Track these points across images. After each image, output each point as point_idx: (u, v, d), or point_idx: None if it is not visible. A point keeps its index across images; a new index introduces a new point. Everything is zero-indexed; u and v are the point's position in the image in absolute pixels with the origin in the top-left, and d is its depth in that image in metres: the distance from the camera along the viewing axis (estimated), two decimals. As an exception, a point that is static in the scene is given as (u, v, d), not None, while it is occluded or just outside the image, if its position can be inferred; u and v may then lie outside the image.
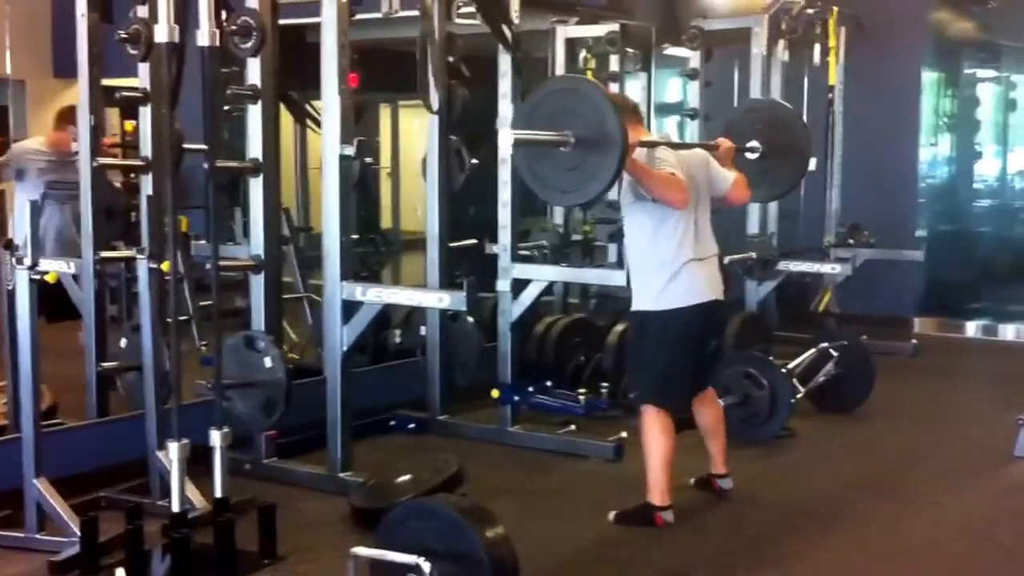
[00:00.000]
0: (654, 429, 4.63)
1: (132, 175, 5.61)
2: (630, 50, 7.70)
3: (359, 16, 5.25)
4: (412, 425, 6.02)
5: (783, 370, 5.96)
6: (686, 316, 4.61)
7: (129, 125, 9.92)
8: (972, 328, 9.71)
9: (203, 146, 4.05)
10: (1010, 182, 11.21)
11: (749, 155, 5.32)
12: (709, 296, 4.66)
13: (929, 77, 10.01)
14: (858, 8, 8.66)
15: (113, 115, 8.82)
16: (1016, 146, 11.15)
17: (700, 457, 5.07)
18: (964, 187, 11.10)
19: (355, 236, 6.22)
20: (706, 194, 4.75)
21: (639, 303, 4.70)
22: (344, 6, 4.90)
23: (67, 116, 5.41)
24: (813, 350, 6.39)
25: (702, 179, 4.73)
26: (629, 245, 4.76)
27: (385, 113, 11.59)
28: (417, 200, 8.90)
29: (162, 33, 3.71)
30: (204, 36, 3.73)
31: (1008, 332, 9.59)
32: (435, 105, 5.67)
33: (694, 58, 7.93)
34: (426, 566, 3.31)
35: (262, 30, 4.68)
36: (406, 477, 4.73)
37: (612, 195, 6.59)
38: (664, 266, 4.58)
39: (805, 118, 8.62)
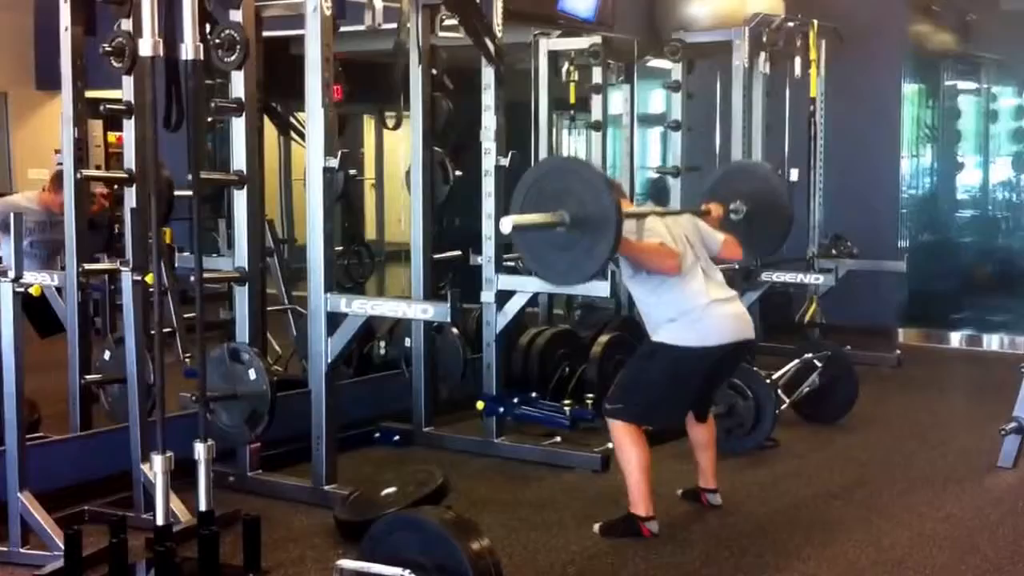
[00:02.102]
0: (626, 442, 4.63)
1: (115, 187, 5.60)
2: (612, 62, 7.75)
3: (343, 28, 5.25)
4: (397, 437, 6.02)
5: (767, 380, 5.98)
6: (708, 355, 4.61)
7: (113, 137, 9.95)
8: (955, 338, 9.76)
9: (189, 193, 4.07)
10: (991, 193, 11.28)
11: (734, 216, 5.45)
12: (736, 337, 4.67)
13: (910, 89, 10.08)
14: (838, 21, 8.70)
15: (96, 127, 8.82)
16: (997, 157, 11.21)
17: (686, 465, 5.09)
18: (946, 198, 11.18)
19: (339, 248, 6.23)
20: (703, 249, 4.80)
21: (658, 337, 4.66)
22: (328, 19, 4.90)
23: (62, 181, 5.42)
24: (797, 361, 6.41)
25: (695, 238, 4.79)
26: (643, 304, 4.75)
27: (369, 125, 11.59)
28: (401, 211, 8.91)
29: (147, 46, 3.70)
30: (188, 50, 3.73)
31: (991, 342, 9.65)
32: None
33: (676, 70, 7.96)
34: (411, 579, 3.31)
35: (246, 43, 4.67)
36: (391, 489, 4.71)
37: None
38: (684, 313, 4.59)
39: (787, 130, 8.73)
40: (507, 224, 4.27)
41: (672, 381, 4.65)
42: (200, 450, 3.82)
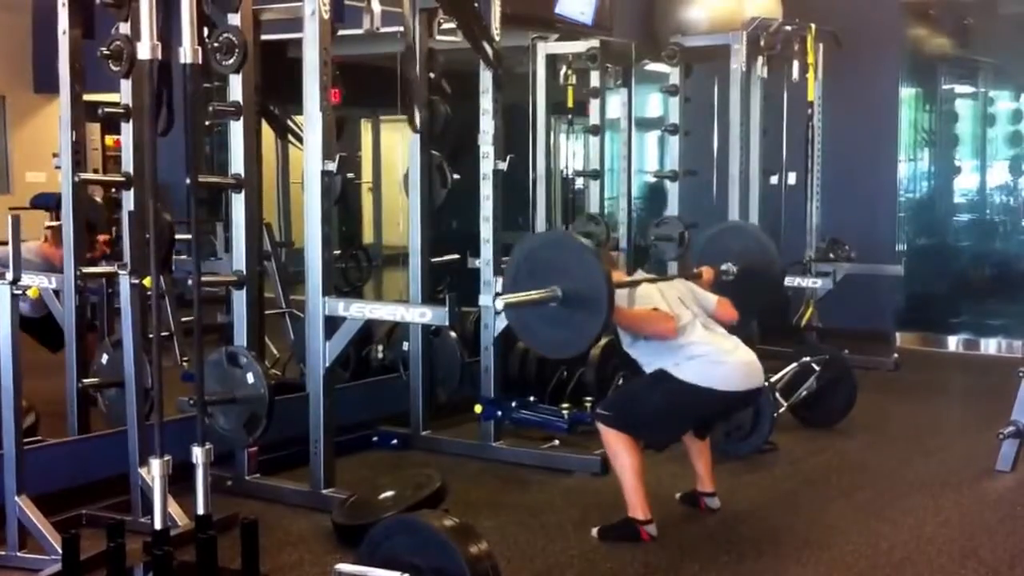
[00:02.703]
0: (617, 447, 4.63)
1: (113, 190, 5.59)
2: (610, 66, 7.75)
3: (341, 32, 5.25)
4: (394, 441, 6.02)
5: (765, 384, 5.96)
6: (718, 398, 4.61)
7: (110, 140, 9.93)
8: (953, 342, 9.77)
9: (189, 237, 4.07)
10: (989, 196, 11.28)
11: (725, 277, 5.55)
12: (747, 386, 4.68)
13: (907, 93, 10.09)
14: (836, 25, 8.70)
15: (93, 130, 8.81)
16: (994, 161, 11.22)
17: (683, 468, 5.09)
18: (943, 202, 11.18)
19: (337, 251, 6.23)
20: (700, 309, 4.81)
21: (672, 371, 4.62)
22: (326, 23, 4.90)
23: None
24: (795, 364, 6.41)
25: (689, 300, 4.82)
26: (649, 368, 4.73)
27: (366, 128, 11.57)
28: (399, 215, 8.90)
29: (145, 50, 3.70)
30: (186, 53, 3.73)
31: (989, 346, 9.66)
32: (418, 124, 5.71)
33: (674, 74, 7.96)
34: (409, 583, 3.31)
35: (244, 47, 4.67)
36: (389, 493, 4.71)
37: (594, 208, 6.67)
38: (693, 357, 4.58)
39: (785, 134, 8.74)
40: (500, 304, 4.40)
41: (670, 410, 4.66)
42: (198, 454, 3.81)
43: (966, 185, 11.34)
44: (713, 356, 4.59)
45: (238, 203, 5.01)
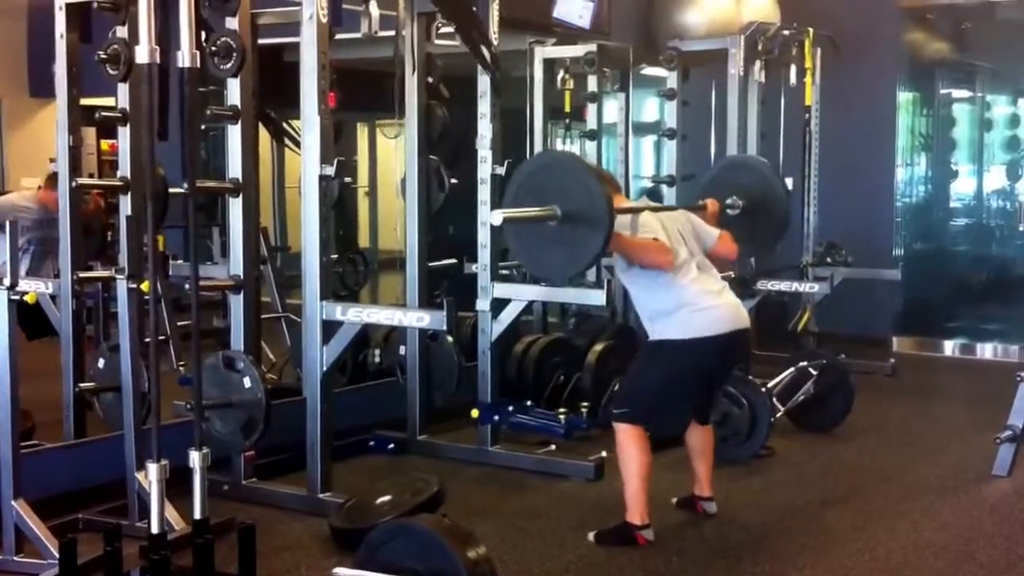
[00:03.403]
0: (631, 446, 4.62)
1: (109, 195, 5.59)
2: (608, 70, 7.75)
3: (339, 36, 5.25)
4: (391, 445, 6.01)
5: (763, 389, 5.98)
6: (706, 347, 4.62)
7: (105, 144, 9.94)
8: (949, 347, 9.77)
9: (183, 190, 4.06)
10: (986, 201, 11.29)
11: (730, 211, 5.48)
12: (733, 326, 4.68)
13: (905, 97, 10.10)
14: (833, 29, 8.71)
15: (88, 135, 8.81)
16: (991, 165, 11.23)
17: (681, 474, 5.09)
18: (940, 206, 11.19)
19: (334, 256, 6.22)
20: (697, 245, 4.80)
21: (656, 335, 4.67)
22: (324, 26, 4.90)
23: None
24: (792, 369, 6.41)
25: (689, 234, 4.79)
26: (637, 299, 4.77)
27: (362, 132, 11.60)
28: (394, 219, 8.90)
29: (143, 54, 3.70)
30: (184, 57, 3.72)
31: (985, 351, 9.66)
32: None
33: (671, 78, 7.96)
34: (407, 587, 3.31)
35: (242, 51, 4.67)
36: (386, 498, 4.70)
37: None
38: (679, 307, 4.59)
39: (782, 138, 8.74)
40: (498, 216, 4.36)
41: (673, 378, 4.68)
42: (195, 458, 3.80)
43: (963, 190, 11.35)
44: (700, 303, 4.59)
45: (236, 208, 5.00)
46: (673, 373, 4.68)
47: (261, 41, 5.50)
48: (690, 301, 4.60)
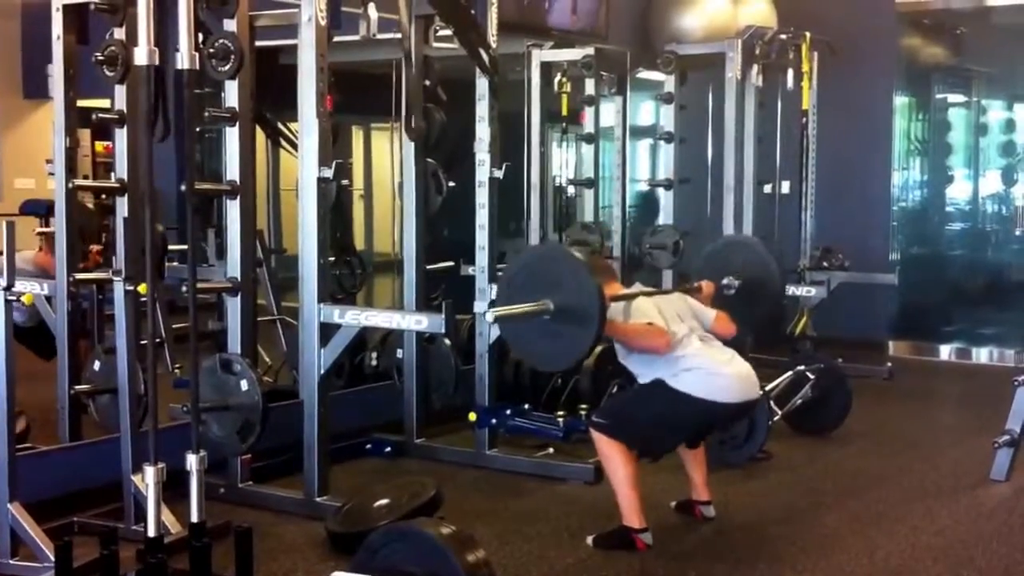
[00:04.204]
0: (613, 455, 4.60)
1: (105, 196, 5.57)
2: (605, 74, 7.74)
3: (337, 39, 5.23)
4: (388, 449, 5.99)
5: (760, 395, 5.95)
6: (715, 410, 4.60)
7: (100, 146, 9.90)
8: (946, 351, 9.78)
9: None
10: (982, 206, 11.30)
11: (726, 291, 5.56)
12: (743, 397, 4.67)
13: (901, 102, 10.11)
14: (830, 34, 8.72)
15: (83, 136, 8.78)
16: (987, 170, 11.24)
17: (678, 476, 5.07)
18: (936, 211, 11.20)
19: (331, 258, 6.20)
20: (697, 323, 4.79)
21: (665, 379, 4.61)
22: (323, 29, 4.89)
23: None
24: (790, 373, 6.39)
25: (687, 315, 4.79)
26: (644, 379, 4.72)
27: (357, 135, 11.57)
28: (389, 222, 8.87)
29: (142, 56, 3.68)
30: (183, 59, 3.71)
31: (981, 355, 9.67)
32: (413, 134, 5.72)
33: (669, 82, 7.95)
34: (406, 591, 3.29)
35: (241, 53, 4.65)
36: (383, 501, 4.69)
37: (588, 217, 6.67)
38: (691, 368, 4.56)
39: (779, 142, 8.74)
40: (491, 316, 4.42)
41: (666, 422, 4.65)
42: (192, 461, 3.78)
43: (959, 194, 11.35)
44: (709, 368, 4.57)
45: (233, 210, 4.98)
46: (670, 419, 4.65)
47: (257, 43, 5.48)
48: (700, 365, 4.57)
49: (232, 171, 4.95)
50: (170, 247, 4.94)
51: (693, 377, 4.55)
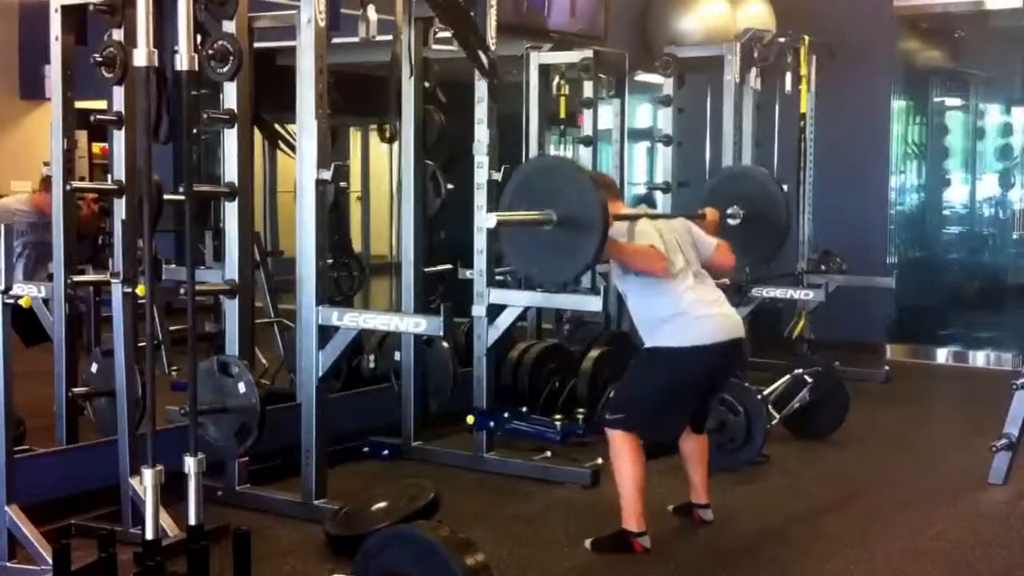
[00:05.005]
0: (625, 454, 4.60)
1: (102, 199, 5.56)
2: (603, 76, 7.73)
3: (336, 40, 5.22)
4: (386, 451, 5.97)
5: (758, 396, 5.96)
6: (703, 355, 4.59)
7: (97, 147, 9.90)
8: (943, 355, 9.79)
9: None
10: (979, 209, 11.32)
11: (731, 221, 5.48)
12: (729, 335, 4.66)
13: (899, 105, 10.12)
14: (829, 37, 8.73)
15: (80, 137, 8.77)
16: (984, 174, 11.26)
17: (677, 481, 5.07)
18: (934, 214, 11.22)
19: (329, 260, 6.19)
20: (695, 254, 4.79)
21: (653, 342, 4.65)
22: (322, 30, 4.88)
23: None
24: (788, 376, 6.39)
25: (686, 243, 4.78)
26: (633, 306, 4.75)
27: (355, 137, 11.57)
28: (386, 224, 8.86)
29: (141, 57, 3.67)
30: (183, 60, 3.70)
31: (978, 358, 9.67)
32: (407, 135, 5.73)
33: (667, 84, 7.94)
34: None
35: (239, 54, 4.65)
36: (382, 504, 4.69)
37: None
38: (676, 315, 4.58)
39: (777, 145, 8.74)
40: (492, 219, 4.37)
41: (671, 387, 4.65)
42: (190, 464, 3.78)
43: (957, 198, 11.37)
44: (696, 311, 4.58)
45: (231, 212, 4.97)
46: (669, 381, 4.65)
47: (256, 45, 5.47)
48: (687, 309, 4.58)
49: (230, 173, 4.94)
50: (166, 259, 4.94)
51: (680, 324, 4.55)
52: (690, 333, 4.56)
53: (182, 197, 4.35)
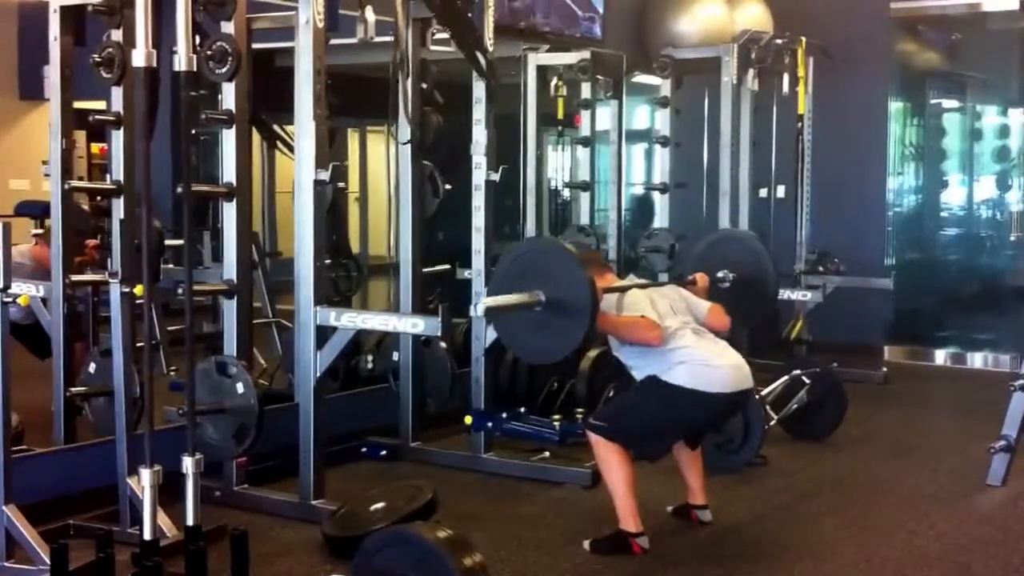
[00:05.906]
0: (609, 458, 4.59)
1: (100, 198, 5.55)
2: (601, 77, 7.74)
3: (335, 41, 5.22)
4: (384, 452, 5.98)
5: (756, 397, 5.95)
6: (710, 401, 4.58)
7: (96, 148, 9.90)
8: (941, 356, 9.80)
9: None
10: (976, 211, 11.33)
11: (721, 285, 5.58)
12: (738, 387, 4.65)
13: (896, 107, 10.13)
14: (826, 38, 8.73)
15: (79, 137, 8.76)
16: (981, 175, 11.27)
17: (675, 480, 5.07)
18: (931, 216, 11.23)
19: (327, 261, 6.19)
20: (690, 316, 4.79)
21: (665, 377, 4.59)
22: (320, 31, 4.88)
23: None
24: (785, 377, 6.39)
25: (680, 307, 4.79)
26: (638, 372, 4.72)
27: (352, 138, 11.56)
28: (384, 225, 8.86)
29: (139, 57, 3.67)
30: (182, 61, 3.70)
31: (976, 360, 9.68)
32: (404, 137, 5.71)
33: (665, 86, 7.96)
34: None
35: (238, 55, 4.65)
36: (379, 505, 4.69)
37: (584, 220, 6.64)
38: (684, 361, 4.56)
39: (774, 146, 8.75)
40: (481, 307, 4.39)
41: (664, 419, 4.65)
42: (188, 464, 3.79)
43: (954, 199, 11.39)
44: (702, 359, 4.57)
45: (230, 212, 4.98)
46: (668, 415, 4.64)
47: (254, 46, 5.47)
48: (693, 357, 4.56)
49: (229, 173, 4.94)
50: (166, 241, 4.91)
51: (686, 369, 4.54)
52: (699, 378, 4.53)
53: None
